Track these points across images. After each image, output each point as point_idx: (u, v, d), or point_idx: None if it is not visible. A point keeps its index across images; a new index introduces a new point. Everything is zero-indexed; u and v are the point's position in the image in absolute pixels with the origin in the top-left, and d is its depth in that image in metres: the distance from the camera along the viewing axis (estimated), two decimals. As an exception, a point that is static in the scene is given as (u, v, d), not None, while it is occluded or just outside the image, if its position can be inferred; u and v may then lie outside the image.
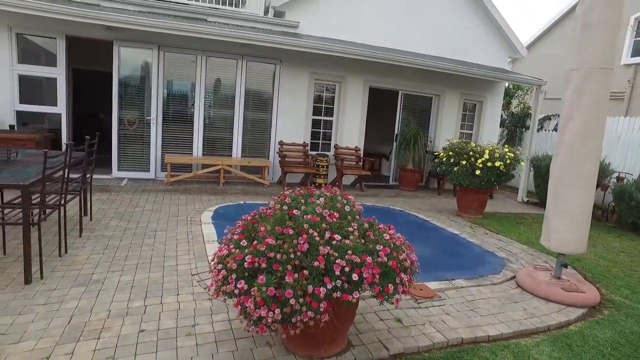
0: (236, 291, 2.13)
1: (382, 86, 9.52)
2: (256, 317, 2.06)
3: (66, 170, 3.86)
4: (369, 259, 2.20)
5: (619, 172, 8.90)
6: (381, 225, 2.61)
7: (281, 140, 8.65)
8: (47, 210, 3.93)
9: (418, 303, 3.49)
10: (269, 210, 2.57)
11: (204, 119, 8.29)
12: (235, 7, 8.73)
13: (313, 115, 9.04)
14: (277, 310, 2.03)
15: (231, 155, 8.54)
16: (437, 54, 9.81)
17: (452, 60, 9.82)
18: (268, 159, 8.73)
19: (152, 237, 4.73)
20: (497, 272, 4.36)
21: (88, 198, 5.24)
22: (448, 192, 9.70)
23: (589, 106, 3.73)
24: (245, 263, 2.14)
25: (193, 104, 8.21)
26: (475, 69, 9.31)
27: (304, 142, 8.85)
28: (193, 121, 8.24)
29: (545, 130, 11.90)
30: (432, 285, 3.79)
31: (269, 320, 2.04)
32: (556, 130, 11.66)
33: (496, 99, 11.04)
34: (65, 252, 4.07)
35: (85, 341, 2.60)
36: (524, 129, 12.45)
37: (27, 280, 3.35)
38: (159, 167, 8.13)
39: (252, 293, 2.06)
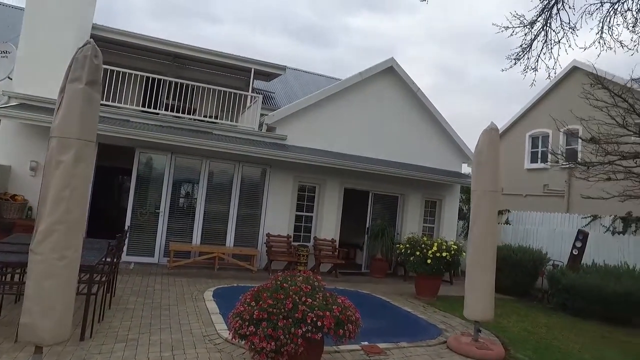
0: (247, 332, 3.53)
1: (356, 187, 11.41)
2: (259, 347, 3.45)
3: (113, 256, 5.28)
4: (327, 314, 3.65)
5: (554, 260, 10.58)
6: (339, 296, 4.09)
7: (268, 233, 10.19)
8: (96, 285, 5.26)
9: (369, 357, 4.81)
10: (267, 284, 4.04)
11: (204, 213, 9.85)
12: (236, 122, 10.83)
13: (296, 211, 10.72)
14: (273, 343, 3.44)
15: (225, 244, 9.96)
16: (402, 160, 11.88)
17: (414, 166, 11.90)
18: (257, 248, 10.17)
19: (167, 309, 6.00)
20: (434, 338, 5.73)
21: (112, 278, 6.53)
22: (412, 278, 11.12)
23: (486, 215, 5.46)
24: (254, 315, 3.58)
25: (195, 200, 9.83)
26: (432, 174, 11.38)
27: (288, 235, 10.39)
28: (195, 214, 9.79)
29: (499, 223, 13.78)
30: (382, 345, 5.14)
31: (267, 349, 3.43)
32: (507, 224, 13.65)
33: (453, 197, 13.01)
34: (102, 319, 5.30)
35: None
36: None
37: (82, 337, 4.59)
38: (162, 253, 9.46)
39: (258, 333, 3.47)
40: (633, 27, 7.07)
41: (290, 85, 16.28)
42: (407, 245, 8.69)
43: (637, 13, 6.83)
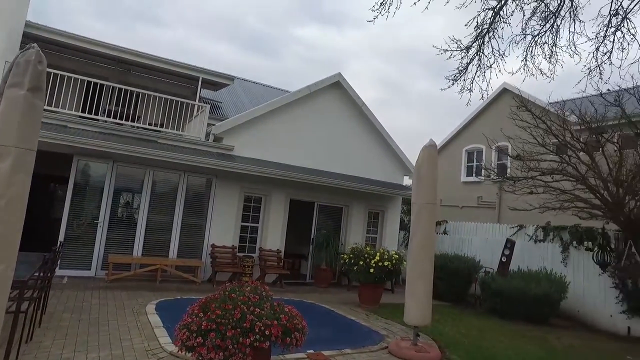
0: (195, 344, 3.54)
1: (301, 198, 11.58)
2: (208, 358, 3.47)
3: (47, 270, 5.02)
4: (275, 323, 3.75)
5: (485, 267, 11.35)
6: (287, 305, 4.19)
7: (213, 243, 10.06)
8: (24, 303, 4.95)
9: (315, 364, 4.94)
10: (216, 295, 4.07)
11: (147, 223, 9.54)
12: (182, 131, 10.65)
13: (242, 222, 10.68)
14: (221, 353, 3.47)
15: (168, 256, 9.70)
16: (346, 172, 12.26)
17: (358, 178, 12.30)
18: (201, 259, 9.99)
19: (106, 325, 5.77)
20: (376, 344, 5.99)
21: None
22: (355, 287, 11.43)
23: (424, 226, 5.84)
24: (202, 326, 3.60)
25: (137, 210, 9.51)
26: (375, 186, 11.82)
27: (233, 245, 10.32)
28: (136, 225, 9.45)
29: (437, 233, 14.52)
30: (327, 352, 5.30)
31: (215, 360, 3.46)
32: (445, 234, 14.42)
33: (395, 208, 13.57)
34: (31, 339, 4.98)
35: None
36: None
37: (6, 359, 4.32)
38: (100, 266, 9.03)
39: (206, 343, 3.49)
40: (549, 58, 7.91)
41: (238, 96, 16.24)
42: (351, 255, 8.97)
43: (552, 46, 7.65)
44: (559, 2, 7.60)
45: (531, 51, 8.06)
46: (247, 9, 68.28)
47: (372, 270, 8.50)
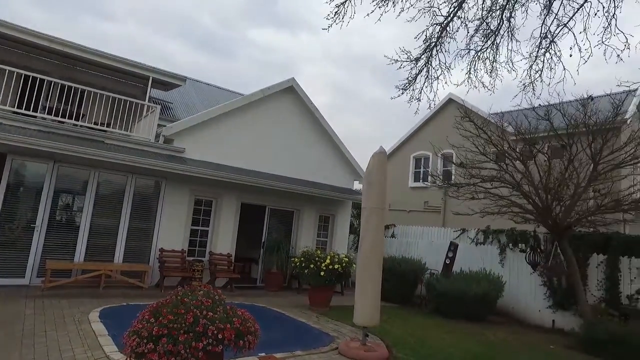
0: (146, 350, 3.48)
1: (253, 202, 11.55)
2: (159, 364, 3.43)
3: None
4: (228, 326, 3.78)
5: (431, 269, 11.88)
6: (239, 309, 4.22)
7: (161, 248, 9.78)
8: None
9: (266, 367, 4.99)
10: (167, 300, 4.02)
11: (90, 227, 9.10)
12: (130, 131, 10.28)
13: (192, 225, 10.48)
14: (173, 359, 3.45)
15: (113, 261, 9.31)
16: (298, 176, 12.36)
17: (309, 182, 12.46)
18: (149, 263, 9.68)
19: (43, 336, 5.45)
20: (326, 345, 6.13)
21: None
22: (306, 291, 11.55)
23: (374, 230, 6.07)
24: (153, 332, 3.55)
25: (80, 213, 9.05)
26: (326, 191, 12.02)
27: (182, 249, 10.10)
28: (79, 229, 8.99)
29: (385, 237, 14.97)
30: (278, 355, 5.36)
31: (167, 366, 3.42)
32: (393, 237, 14.90)
33: (346, 212, 13.86)
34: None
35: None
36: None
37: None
38: (35, 273, 8.49)
39: (158, 349, 3.45)
40: (490, 72, 8.49)
41: (190, 96, 15.88)
42: (302, 259, 9.08)
43: (492, 62, 8.24)
44: (498, 22, 8.22)
45: (474, 65, 8.62)
46: (202, 6, 66.80)
47: (322, 273, 8.65)
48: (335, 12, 8.04)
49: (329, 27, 8.08)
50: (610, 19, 7.47)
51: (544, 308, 10.20)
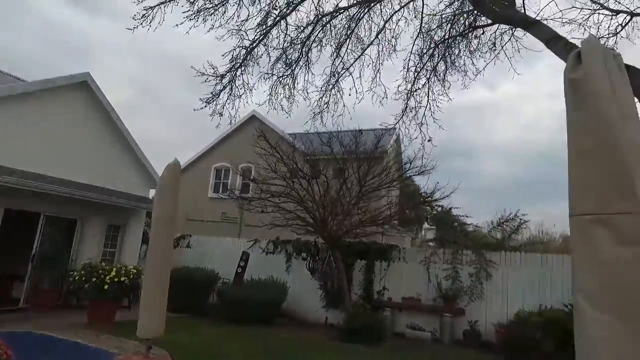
0: None
1: (23, 208, 9.84)
2: None
3: None
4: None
5: (224, 278, 12.29)
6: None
7: None
8: None
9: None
10: None
11: None
12: None
13: None
14: None
15: None
16: (87, 181, 11.08)
17: (98, 188, 11.32)
18: None
19: None
20: (104, 364, 5.81)
21: None
22: (86, 307, 10.45)
23: (163, 240, 6.09)
24: None
25: None
26: (115, 197, 11.19)
27: None
28: None
29: (180, 247, 14.65)
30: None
31: None
32: (189, 247, 14.75)
33: (139, 221, 13.09)
34: None
35: None
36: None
37: None
38: None
39: None
40: (288, 97, 9.59)
41: None
42: (83, 272, 8.28)
43: (291, 89, 9.41)
44: (298, 54, 9.42)
45: (276, 89, 9.59)
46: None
47: (106, 287, 8.07)
48: (143, 15, 7.86)
49: (134, 28, 7.81)
50: (377, 73, 9.52)
51: (320, 308, 11.80)
